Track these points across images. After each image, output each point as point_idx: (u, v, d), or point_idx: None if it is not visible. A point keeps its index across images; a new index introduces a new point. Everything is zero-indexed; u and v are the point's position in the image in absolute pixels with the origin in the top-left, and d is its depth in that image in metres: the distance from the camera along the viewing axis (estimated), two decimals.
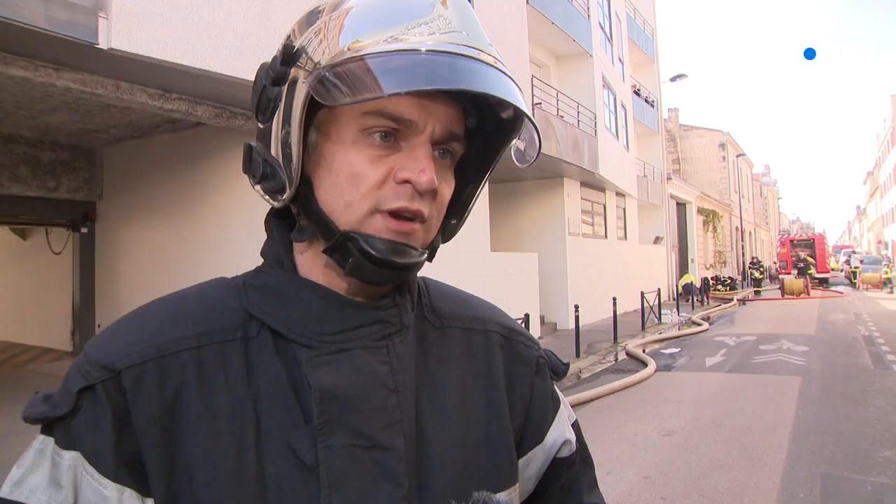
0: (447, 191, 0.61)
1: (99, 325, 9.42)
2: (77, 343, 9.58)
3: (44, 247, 10.32)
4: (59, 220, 9.48)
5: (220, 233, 7.53)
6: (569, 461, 0.74)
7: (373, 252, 0.56)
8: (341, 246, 0.57)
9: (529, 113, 0.57)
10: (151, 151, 8.65)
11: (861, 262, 31.29)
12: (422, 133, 0.57)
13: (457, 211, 0.67)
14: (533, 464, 0.72)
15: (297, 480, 0.55)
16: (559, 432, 0.73)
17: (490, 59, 0.56)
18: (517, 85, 0.57)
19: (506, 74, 0.56)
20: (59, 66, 5.02)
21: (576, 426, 0.77)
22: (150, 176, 8.66)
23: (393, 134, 0.56)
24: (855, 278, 29.11)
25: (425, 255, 0.61)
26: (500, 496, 0.64)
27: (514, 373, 0.71)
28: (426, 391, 0.63)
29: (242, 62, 5.39)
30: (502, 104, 0.61)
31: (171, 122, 7.77)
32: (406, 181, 0.56)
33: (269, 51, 0.60)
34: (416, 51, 0.52)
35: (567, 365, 0.79)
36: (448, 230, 0.68)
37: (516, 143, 0.65)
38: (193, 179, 7.98)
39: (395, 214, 0.57)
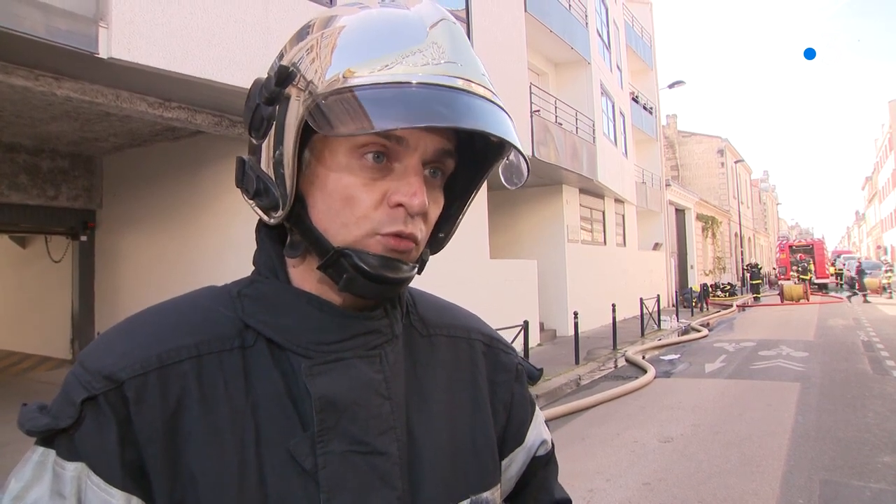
0: (435, 210, 0.63)
1: (98, 333, 9.41)
2: (76, 351, 9.55)
3: (43, 255, 10.32)
4: (58, 228, 9.48)
5: (219, 240, 7.54)
6: (545, 459, 0.78)
7: (366, 267, 0.57)
8: (335, 262, 0.58)
9: (520, 145, 0.58)
10: (151, 160, 8.67)
11: (843, 265, 31.02)
12: (414, 153, 0.58)
13: (445, 225, 0.69)
14: (514, 464, 0.76)
15: (297, 486, 0.57)
16: (537, 433, 0.78)
17: (484, 92, 0.57)
18: (509, 115, 0.58)
19: (499, 106, 0.57)
20: (59, 76, 5.05)
21: (546, 424, 0.82)
22: (150, 184, 8.68)
23: (385, 154, 0.57)
24: (854, 286, 28.67)
25: (416, 270, 0.63)
26: (485, 496, 0.67)
27: (496, 379, 0.75)
28: (415, 397, 0.66)
29: (242, 71, 5.42)
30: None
31: (170, 131, 7.80)
32: (399, 205, 0.57)
33: (267, 60, 0.61)
34: (410, 84, 0.53)
35: (541, 371, 0.83)
36: (436, 243, 0.69)
37: (505, 163, 0.66)
38: (193, 187, 7.99)
39: (391, 235, 0.58)
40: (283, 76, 0.57)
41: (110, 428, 0.54)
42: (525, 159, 0.63)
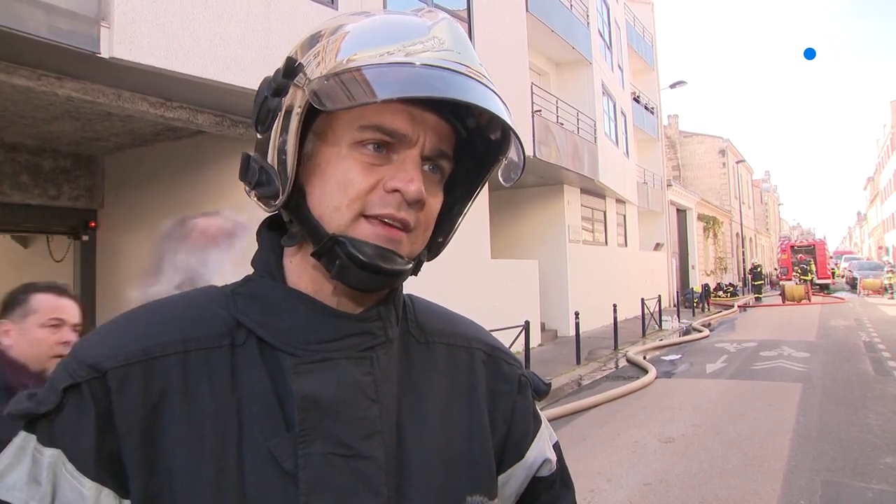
0: (435, 204, 0.63)
1: None
2: None
3: (45, 255, 10.32)
4: (60, 227, 9.49)
5: None
6: (549, 481, 0.75)
7: (360, 256, 0.57)
8: (329, 250, 0.58)
9: (515, 128, 0.59)
10: (152, 159, 8.68)
11: (836, 266, 31.16)
12: (413, 146, 0.59)
13: (444, 229, 0.69)
14: (513, 481, 0.72)
15: (276, 486, 0.56)
16: (539, 451, 0.74)
17: (479, 77, 0.58)
18: (504, 102, 0.59)
19: (494, 92, 0.58)
20: (61, 75, 5.06)
21: (556, 447, 0.78)
22: (151, 184, 8.68)
23: (386, 146, 0.58)
24: (856, 287, 28.93)
25: (411, 266, 0.62)
26: None
27: (497, 389, 0.72)
28: (408, 403, 0.64)
29: (243, 71, 5.41)
30: (491, 124, 0.63)
31: (171, 131, 7.80)
32: (395, 190, 0.58)
33: (269, 60, 0.62)
34: (410, 63, 0.55)
35: (549, 385, 0.79)
36: (434, 247, 0.69)
37: (505, 161, 0.66)
38: (194, 187, 7.99)
39: (381, 219, 0.58)
40: (291, 67, 0.59)
41: (89, 416, 0.54)
42: (521, 147, 0.63)
